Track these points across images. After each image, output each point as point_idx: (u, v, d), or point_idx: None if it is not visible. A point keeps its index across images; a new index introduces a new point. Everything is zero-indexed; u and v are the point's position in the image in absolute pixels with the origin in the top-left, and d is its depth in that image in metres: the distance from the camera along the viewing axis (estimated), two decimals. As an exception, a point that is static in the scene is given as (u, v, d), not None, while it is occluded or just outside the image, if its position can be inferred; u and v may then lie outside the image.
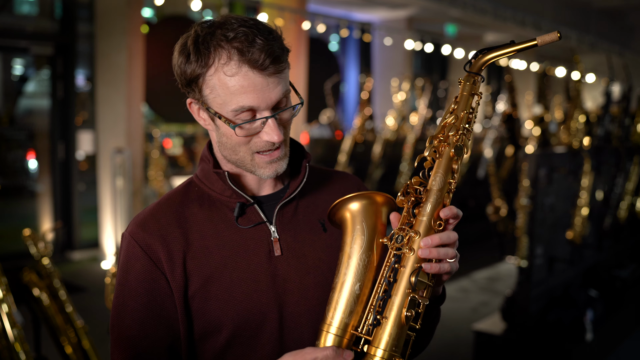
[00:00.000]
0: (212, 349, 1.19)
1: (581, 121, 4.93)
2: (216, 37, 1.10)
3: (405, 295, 1.07)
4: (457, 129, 1.13)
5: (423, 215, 1.09)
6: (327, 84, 8.14)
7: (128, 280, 1.17)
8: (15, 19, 7.18)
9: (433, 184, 1.10)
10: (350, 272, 1.12)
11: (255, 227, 1.21)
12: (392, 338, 1.06)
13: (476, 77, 1.14)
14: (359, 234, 1.14)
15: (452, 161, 1.12)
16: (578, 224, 4.36)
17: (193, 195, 1.23)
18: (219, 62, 1.10)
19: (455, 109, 1.14)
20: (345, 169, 6.97)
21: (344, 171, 1.42)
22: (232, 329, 1.16)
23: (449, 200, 1.11)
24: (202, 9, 6.84)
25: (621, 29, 15.00)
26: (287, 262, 1.21)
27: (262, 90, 1.11)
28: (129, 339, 1.16)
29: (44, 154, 6.96)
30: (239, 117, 1.13)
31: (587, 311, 3.99)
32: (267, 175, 1.19)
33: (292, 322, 1.19)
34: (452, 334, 4.81)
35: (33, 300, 2.95)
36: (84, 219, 6.94)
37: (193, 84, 1.15)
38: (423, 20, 10.55)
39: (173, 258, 1.16)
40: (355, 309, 1.11)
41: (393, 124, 7.81)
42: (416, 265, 1.07)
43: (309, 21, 7.74)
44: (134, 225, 1.20)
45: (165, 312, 1.17)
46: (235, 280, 1.17)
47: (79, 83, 7.15)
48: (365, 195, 1.16)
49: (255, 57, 1.09)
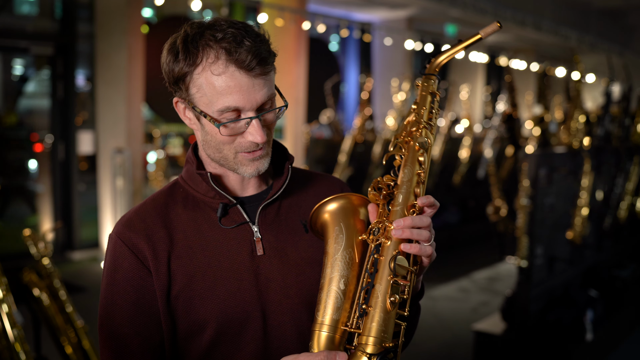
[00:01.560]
0: (197, 348, 1.20)
1: (581, 121, 4.93)
2: (205, 37, 1.13)
3: (387, 282, 1.08)
4: (418, 124, 1.19)
5: (396, 205, 1.13)
6: (327, 84, 8.14)
7: (116, 279, 1.19)
8: (15, 19, 7.18)
9: (402, 177, 1.15)
10: (334, 270, 1.15)
11: (238, 227, 1.23)
12: (380, 325, 1.07)
13: (433, 78, 1.23)
14: (338, 233, 1.17)
15: (418, 154, 1.17)
16: (578, 224, 4.36)
17: (178, 197, 1.26)
18: (206, 61, 1.12)
19: (416, 107, 1.22)
20: (345, 169, 6.97)
21: (328, 174, 1.45)
22: (216, 327, 1.19)
23: (420, 190, 1.15)
24: (202, 9, 6.85)
25: (621, 29, 15.00)
26: (269, 262, 1.23)
27: (248, 91, 1.13)
28: (120, 337, 1.18)
29: (44, 154, 6.96)
30: (224, 117, 1.15)
31: (587, 311, 4.00)
32: (249, 173, 1.21)
33: (275, 321, 1.21)
34: (452, 334, 4.81)
35: (33, 300, 2.95)
36: (84, 219, 6.95)
37: (180, 82, 1.17)
38: (423, 20, 10.55)
39: (158, 257, 1.19)
40: (342, 305, 1.13)
41: (393, 124, 7.81)
42: (394, 252, 1.10)
43: (309, 21, 7.74)
44: (120, 226, 1.22)
45: (155, 310, 1.19)
46: (219, 279, 1.19)
47: (79, 83, 7.16)
48: (340, 197, 1.20)
49: (242, 58, 1.11)
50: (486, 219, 7.32)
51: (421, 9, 9.57)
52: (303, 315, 1.22)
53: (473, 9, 9.46)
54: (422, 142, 1.17)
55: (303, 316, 1.22)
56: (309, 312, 1.23)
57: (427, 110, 1.21)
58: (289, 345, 1.21)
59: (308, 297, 1.23)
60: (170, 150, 8.91)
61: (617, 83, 8.17)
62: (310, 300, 1.24)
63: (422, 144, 1.17)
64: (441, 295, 5.81)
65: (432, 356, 4.40)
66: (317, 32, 8.55)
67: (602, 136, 5.25)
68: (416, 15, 10.06)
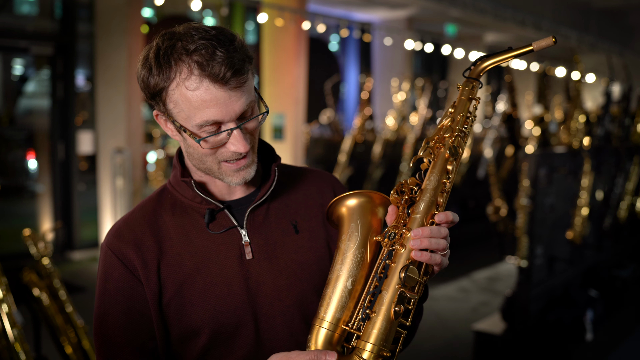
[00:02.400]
0: (191, 353, 1.21)
1: (581, 121, 4.93)
2: (177, 51, 1.10)
3: (395, 291, 1.08)
4: (452, 131, 1.15)
5: (416, 213, 1.12)
6: (327, 84, 8.14)
7: (107, 289, 1.20)
8: (15, 19, 7.17)
9: (427, 184, 1.13)
10: (343, 268, 1.14)
11: (226, 231, 1.23)
12: (381, 333, 1.07)
13: (474, 83, 1.18)
14: (353, 231, 1.16)
15: (447, 162, 1.14)
16: (578, 224, 4.36)
17: (166, 203, 1.26)
18: (180, 77, 1.10)
19: (453, 112, 1.17)
20: (345, 169, 6.97)
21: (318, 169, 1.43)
22: (209, 333, 1.19)
23: (443, 200, 1.13)
24: (202, 9, 6.85)
25: (621, 29, 15.00)
26: (259, 265, 1.22)
27: (225, 104, 1.11)
28: (113, 345, 1.19)
29: (44, 154, 6.96)
30: (203, 130, 1.14)
31: (587, 311, 3.99)
32: (235, 182, 1.20)
33: (267, 324, 1.21)
34: (452, 334, 4.81)
35: (33, 300, 2.95)
36: (84, 219, 6.95)
37: (157, 97, 1.15)
38: (423, 20, 10.55)
39: (148, 266, 1.19)
40: (347, 304, 1.13)
41: (393, 124, 7.81)
42: (407, 261, 1.09)
43: (309, 21, 7.74)
44: (110, 236, 1.23)
45: (146, 318, 1.19)
46: (209, 284, 1.19)
47: (79, 83, 7.15)
48: (362, 194, 1.19)
49: (215, 71, 1.08)
50: (486, 219, 7.32)
51: (421, 9, 9.57)
52: (295, 317, 1.22)
53: (473, 9, 9.46)
54: (453, 150, 1.14)
55: (295, 318, 1.22)
56: (301, 314, 1.23)
57: (464, 117, 1.17)
58: (282, 347, 1.21)
59: (299, 298, 1.23)
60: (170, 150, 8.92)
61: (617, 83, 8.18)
62: (302, 301, 1.24)
63: (453, 152, 1.14)
64: (441, 295, 5.80)
65: (432, 356, 4.40)
66: (317, 32, 8.55)
67: (602, 136, 5.25)
68: (416, 15, 10.05)
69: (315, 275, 1.26)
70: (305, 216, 1.30)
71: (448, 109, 1.18)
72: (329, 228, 1.31)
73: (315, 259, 1.27)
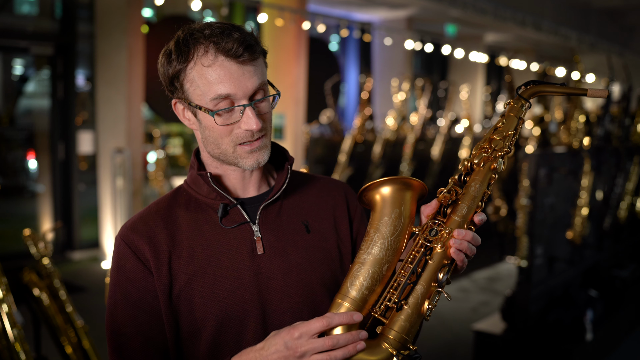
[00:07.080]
0: (200, 346, 1.23)
1: (581, 121, 4.93)
2: (195, 36, 1.18)
3: (430, 288, 1.13)
4: (502, 147, 1.19)
5: (459, 215, 1.15)
6: (327, 84, 8.14)
7: (119, 280, 1.23)
8: (15, 19, 7.17)
9: (473, 189, 1.17)
10: (382, 252, 1.16)
11: (238, 227, 1.25)
12: (410, 325, 1.11)
13: (524, 102, 1.21)
14: (397, 217, 1.18)
15: (491, 174, 1.18)
16: (578, 224, 4.36)
17: (181, 200, 1.29)
18: (197, 56, 1.17)
19: (502, 127, 1.20)
20: (345, 169, 6.97)
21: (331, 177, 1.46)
22: (217, 325, 1.21)
23: (480, 209, 1.18)
24: (202, 9, 6.85)
25: (621, 29, 15.00)
26: (270, 261, 1.25)
27: (238, 79, 1.17)
28: (123, 336, 1.21)
29: (44, 154, 6.96)
30: (217, 106, 1.18)
31: (587, 311, 3.99)
32: (250, 165, 1.23)
33: (275, 320, 1.23)
34: (452, 334, 4.81)
35: (33, 300, 2.95)
36: (84, 219, 6.95)
37: (175, 81, 1.21)
38: (423, 20, 10.55)
39: (159, 257, 1.21)
40: (376, 288, 1.15)
41: (393, 124, 7.80)
42: (445, 261, 1.13)
43: (309, 21, 7.74)
44: (124, 229, 1.26)
45: (156, 310, 1.22)
46: (219, 277, 1.22)
47: (79, 83, 7.15)
48: (412, 181, 1.20)
49: (229, 46, 1.16)
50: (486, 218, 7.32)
51: (421, 9, 9.57)
52: (304, 314, 1.23)
53: (473, 9, 9.46)
54: (499, 167, 1.18)
55: (304, 315, 1.23)
56: (309, 311, 1.24)
57: (512, 135, 1.20)
58: None
59: (309, 296, 1.25)
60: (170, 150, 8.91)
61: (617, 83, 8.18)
62: (311, 299, 1.25)
63: (498, 169, 1.18)
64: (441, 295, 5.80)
65: (432, 356, 4.40)
66: (317, 32, 8.55)
67: (602, 136, 5.25)
68: (416, 15, 10.06)
69: (325, 275, 1.28)
70: (317, 218, 1.33)
71: (498, 123, 1.21)
72: (340, 232, 1.34)
73: (326, 259, 1.29)
